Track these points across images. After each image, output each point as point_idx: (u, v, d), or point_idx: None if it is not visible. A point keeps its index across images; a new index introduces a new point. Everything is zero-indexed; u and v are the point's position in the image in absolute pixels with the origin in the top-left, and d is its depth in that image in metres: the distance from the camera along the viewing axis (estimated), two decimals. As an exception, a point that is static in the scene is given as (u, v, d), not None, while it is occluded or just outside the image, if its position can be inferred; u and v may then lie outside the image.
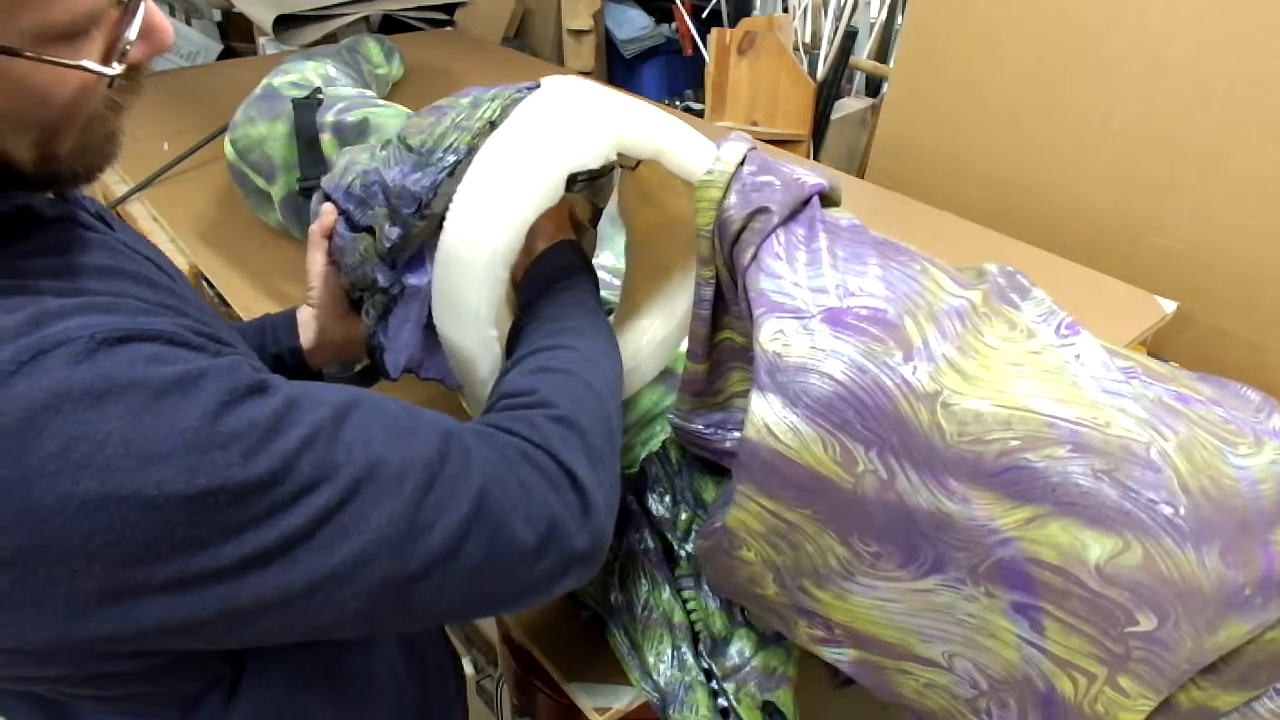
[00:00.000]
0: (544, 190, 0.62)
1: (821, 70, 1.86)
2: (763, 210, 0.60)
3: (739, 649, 0.74)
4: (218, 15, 2.61)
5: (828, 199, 0.66)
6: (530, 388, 0.57)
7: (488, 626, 1.02)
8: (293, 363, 0.80)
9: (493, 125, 0.65)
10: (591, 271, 0.70)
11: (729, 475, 0.69)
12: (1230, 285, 1.26)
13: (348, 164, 0.79)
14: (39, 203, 0.50)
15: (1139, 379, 0.60)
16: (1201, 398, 0.62)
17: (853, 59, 1.88)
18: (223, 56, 2.56)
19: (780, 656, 0.74)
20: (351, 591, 0.46)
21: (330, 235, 0.79)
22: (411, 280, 0.71)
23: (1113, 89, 1.30)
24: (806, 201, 0.63)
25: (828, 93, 1.85)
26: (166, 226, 1.35)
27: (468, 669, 1.24)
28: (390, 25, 2.17)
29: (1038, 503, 0.55)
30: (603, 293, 0.96)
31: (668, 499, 0.79)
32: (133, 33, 0.44)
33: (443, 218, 0.65)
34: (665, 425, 0.79)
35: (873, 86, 2.03)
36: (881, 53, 1.98)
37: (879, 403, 0.56)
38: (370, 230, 0.73)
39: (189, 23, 2.62)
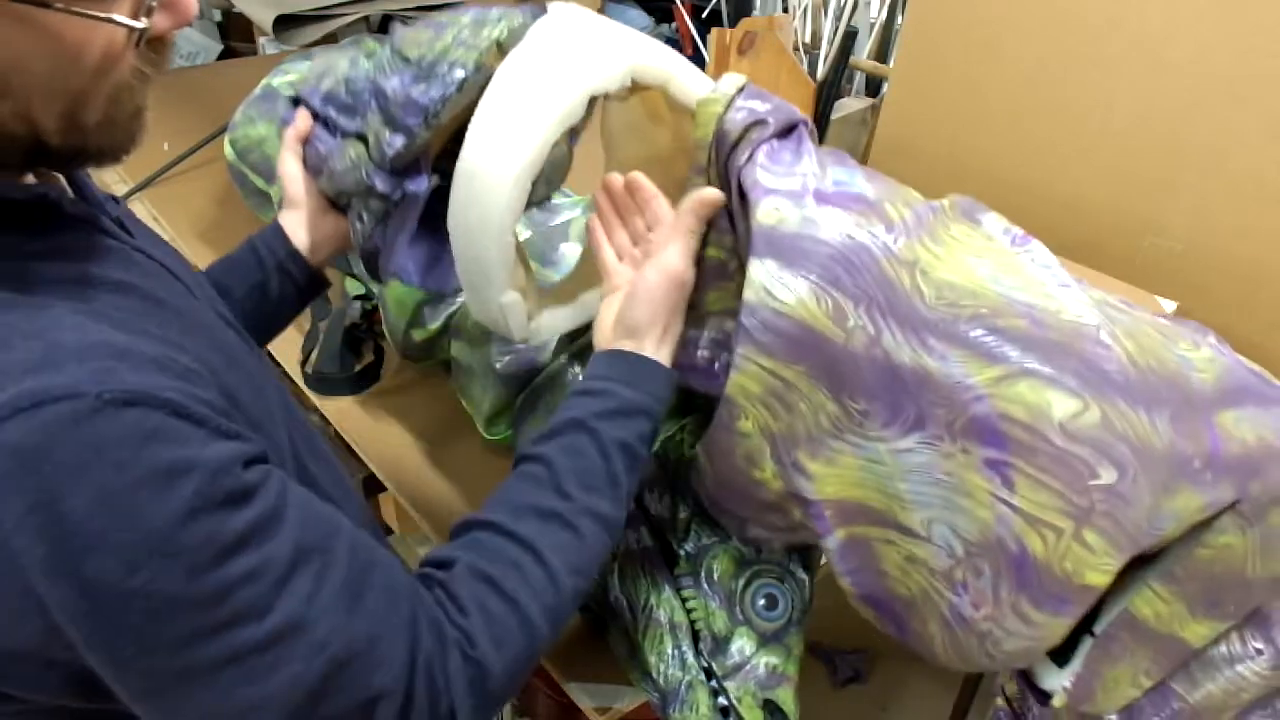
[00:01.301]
0: (567, 110, 0.64)
1: (821, 70, 1.86)
2: (760, 122, 0.66)
3: (740, 648, 0.74)
4: (218, 15, 2.61)
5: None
6: (512, 589, 0.54)
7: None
8: (296, 268, 0.80)
9: (500, 46, 0.67)
10: (660, 406, 0.66)
11: None
12: (1230, 285, 1.26)
13: (325, 69, 0.79)
14: (57, 194, 0.50)
15: (1086, 286, 0.66)
16: (1145, 309, 0.69)
17: (853, 59, 1.88)
18: (223, 56, 2.56)
19: (781, 655, 0.74)
20: None
21: (305, 141, 0.79)
22: (411, 187, 0.73)
23: (1113, 89, 1.30)
24: (795, 126, 0.68)
25: (828, 93, 1.85)
26: (166, 226, 1.35)
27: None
28: (390, 25, 2.17)
29: (1006, 363, 0.60)
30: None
31: (666, 498, 0.79)
32: None
33: (449, 129, 0.67)
34: (664, 427, 0.79)
35: (873, 86, 2.03)
36: (881, 53, 1.98)
37: (865, 263, 0.62)
38: (359, 136, 0.74)
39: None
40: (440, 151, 0.80)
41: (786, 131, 0.68)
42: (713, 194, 0.66)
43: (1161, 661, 0.68)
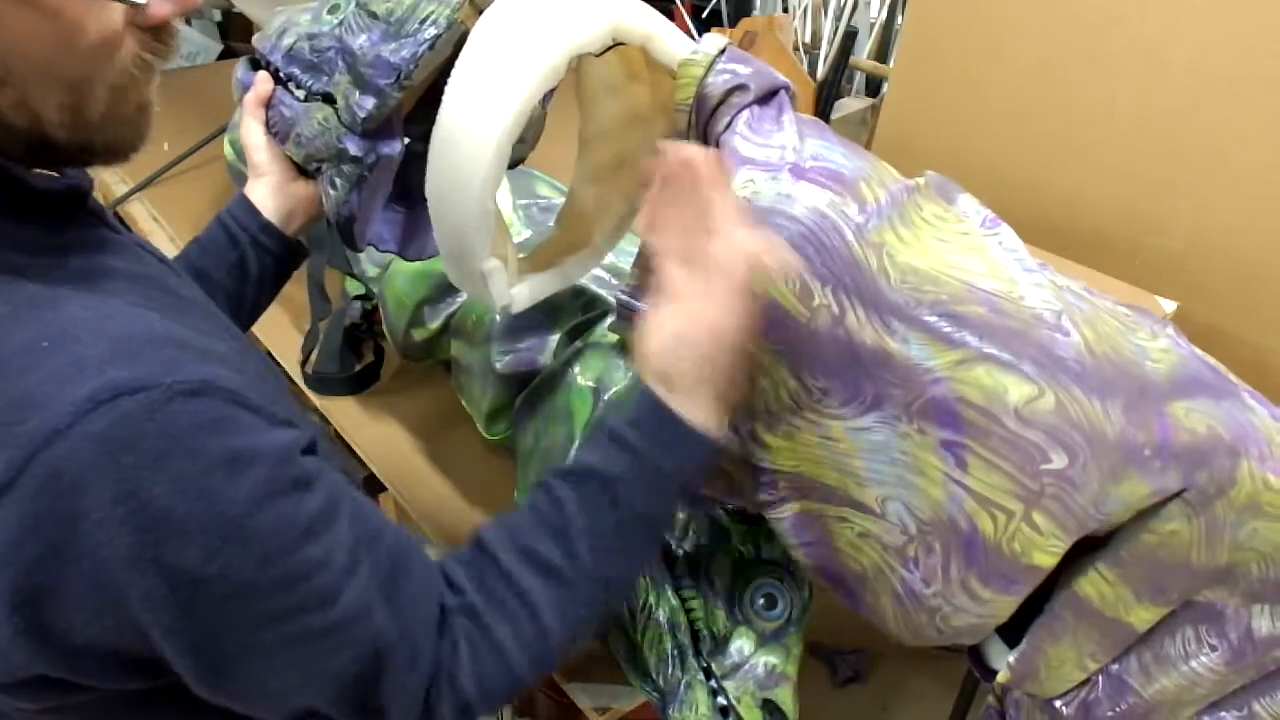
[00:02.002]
0: (548, 70, 0.62)
1: (821, 70, 1.86)
2: (741, 87, 0.66)
3: (739, 647, 0.74)
4: (218, 15, 2.61)
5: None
6: (502, 639, 0.54)
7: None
8: (271, 242, 0.78)
9: (473, 1, 0.65)
10: (694, 478, 0.60)
11: None
12: (1231, 285, 1.26)
13: (285, 25, 0.76)
14: (89, 186, 0.50)
15: (1050, 271, 0.67)
16: (1108, 298, 0.69)
17: (853, 59, 1.88)
18: (223, 56, 2.56)
19: (780, 655, 0.74)
20: (283, 705, 0.48)
21: (268, 105, 0.76)
22: (384, 150, 0.71)
23: (1113, 88, 1.30)
24: (776, 92, 0.68)
25: (828, 93, 1.85)
26: (166, 226, 1.36)
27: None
28: None
29: (965, 347, 0.61)
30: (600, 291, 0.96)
31: (667, 498, 0.79)
32: None
33: (422, 88, 0.64)
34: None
35: (873, 86, 2.03)
36: (881, 53, 1.98)
37: (835, 244, 0.62)
38: (326, 98, 0.72)
39: (189, 23, 2.62)
40: (412, 110, 0.77)
41: (768, 97, 0.68)
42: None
43: (1106, 645, 0.69)
